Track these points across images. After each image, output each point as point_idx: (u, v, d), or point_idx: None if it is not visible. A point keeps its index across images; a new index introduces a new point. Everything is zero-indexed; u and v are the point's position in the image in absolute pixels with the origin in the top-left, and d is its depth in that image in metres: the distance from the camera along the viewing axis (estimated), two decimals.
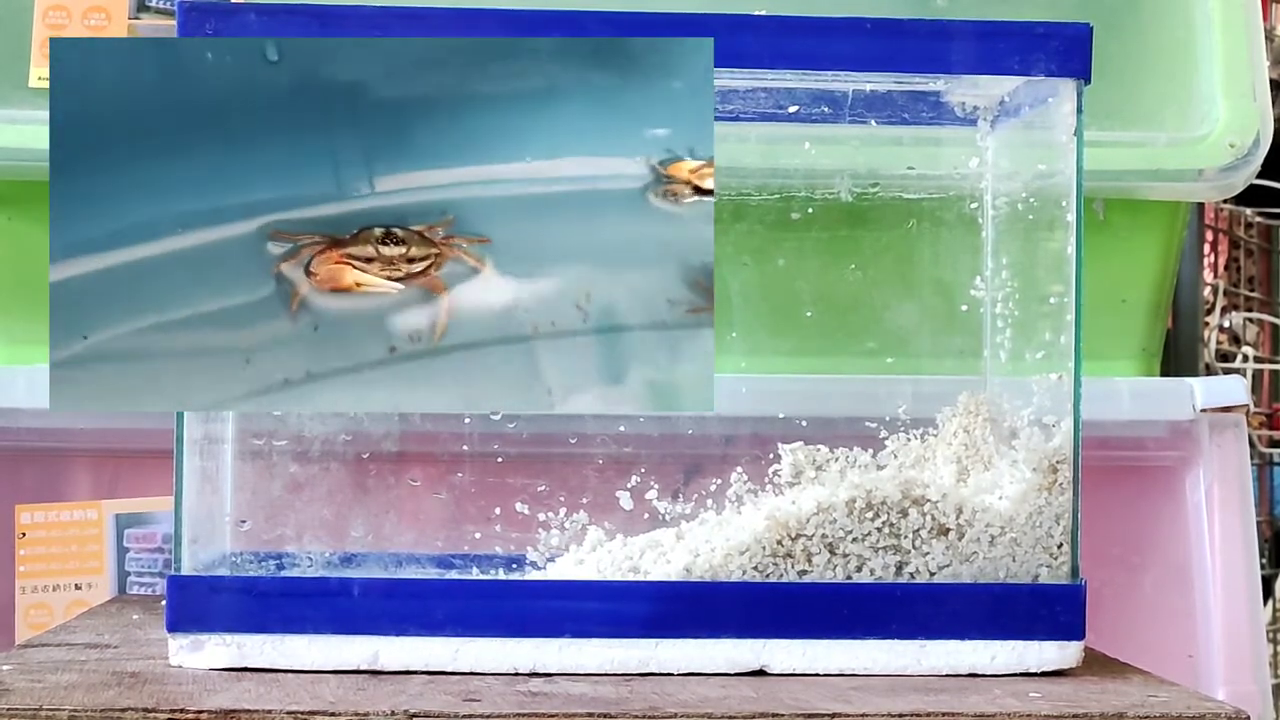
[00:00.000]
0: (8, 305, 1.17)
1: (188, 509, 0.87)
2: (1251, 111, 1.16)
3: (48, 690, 0.78)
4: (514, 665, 0.85)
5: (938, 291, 1.03)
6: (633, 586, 0.87)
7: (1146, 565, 1.20)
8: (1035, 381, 0.91)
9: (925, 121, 0.97)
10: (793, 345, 1.11)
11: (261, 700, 0.77)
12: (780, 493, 0.91)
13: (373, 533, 0.98)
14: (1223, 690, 1.17)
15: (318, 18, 0.85)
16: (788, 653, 0.86)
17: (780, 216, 1.04)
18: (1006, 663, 0.87)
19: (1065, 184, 0.89)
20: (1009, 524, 0.88)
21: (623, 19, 0.86)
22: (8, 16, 1.16)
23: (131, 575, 1.17)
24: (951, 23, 0.88)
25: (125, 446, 1.16)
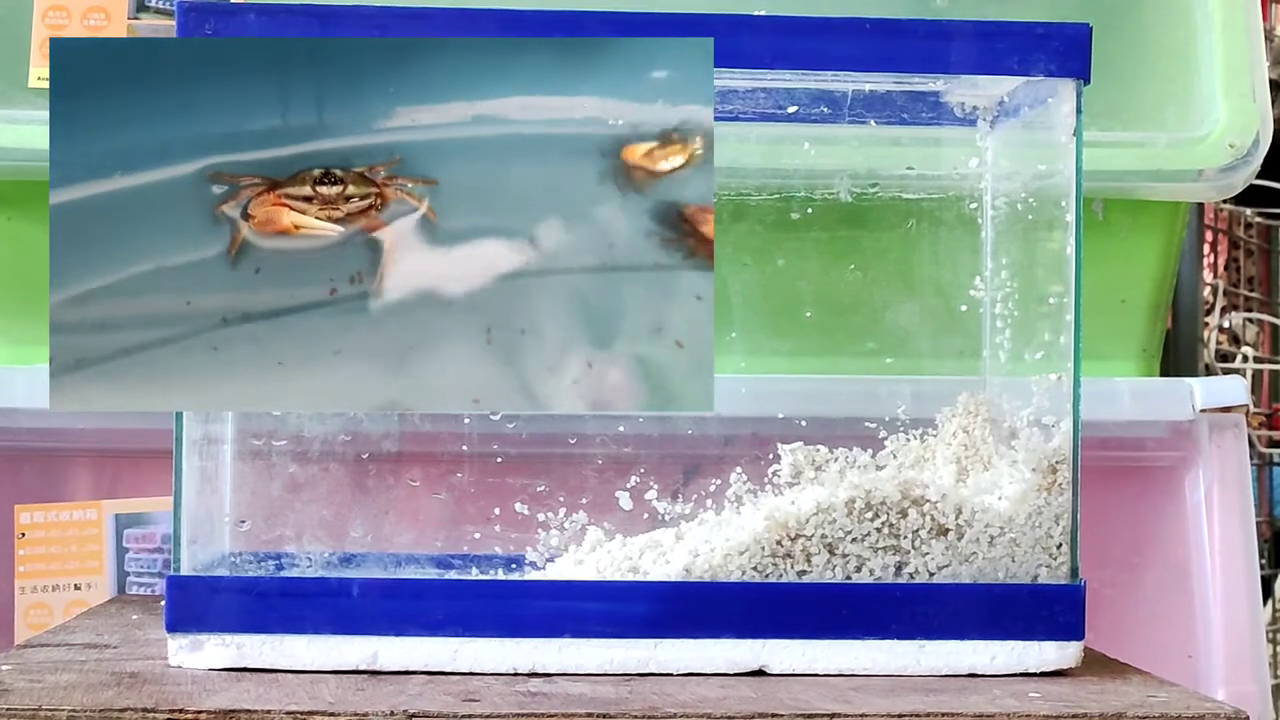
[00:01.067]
0: (8, 305, 1.17)
1: (187, 509, 0.87)
2: (1251, 111, 1.16)
3: (47, 690, 0.78)
4: (513, 665, 0.85)
5: (937, 292, 1.03)
6: (632, 586, 0.87)
7: (1146, 565, 1.20)
8: (1035, 382, 0.91)
9: (925, 122, 0.97)
10: (793, 345, 1.11)
11: (261, 700, 0.77)
12: (780, 493, 0.91)
13: (372, 533, 0.98)
14: (1223, 690, 1.17)
15: (318, 17, 0.85)
16: (787, 653, 0.86)
17: (780, 216, 1.04)
18: (1006, 663, 0.87)
19: (1065, 184, 0.89)
20: (1008, 524, 0.88)
21: (623, 19, 0.86)
22: (8, 16, 1.16)
23: (131, 575, 1.17)
24: (951, 23, 0.88)
25: (125, 446, 1.16)
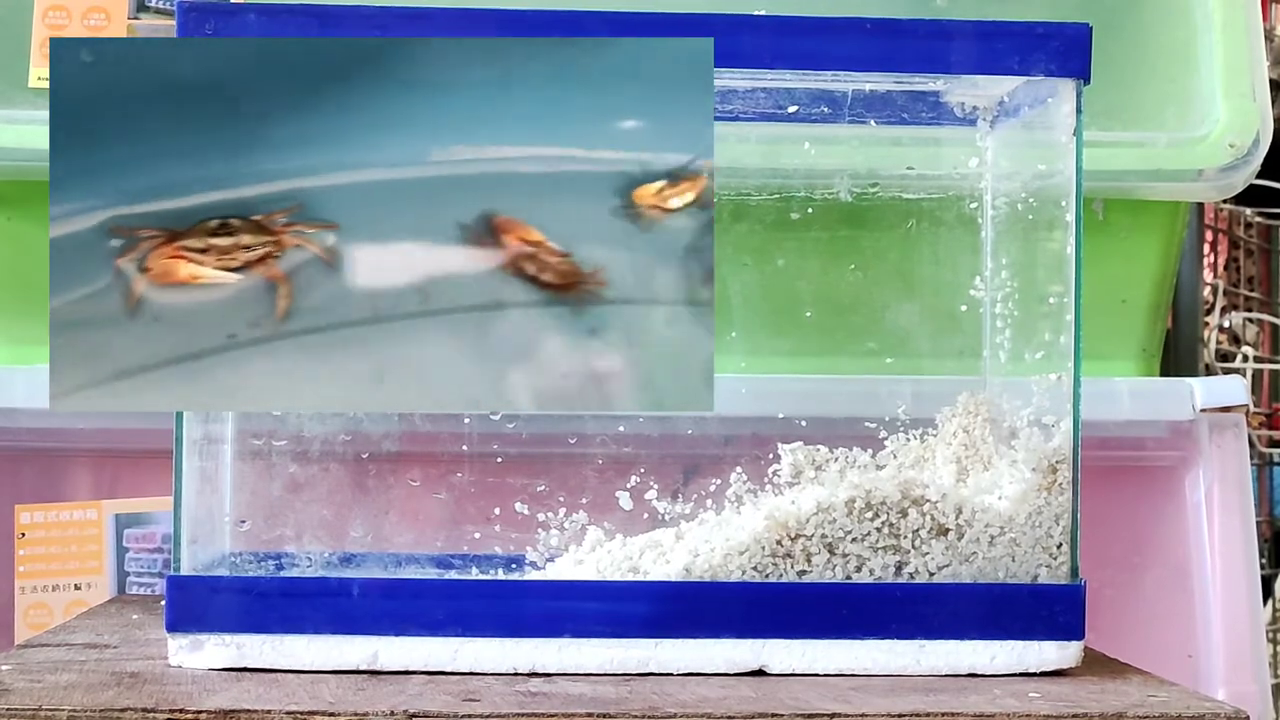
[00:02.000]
0: (8, 305, 1.17)
1: (187, 509, 0.87)
2: (1251, 111, 1.16)
3: (47, 690, 0.78)
4: (514, 665, 0.85)
5: (937, 292, 1.03)
6: (632, 586, 0.87)
7: (1146, 565, 1.20)
8: (1035, 381, 0.91)
9: (925, 121, 0.97)
10: (793, 345, 1.11)
11: (261, 700, 0.77)
12: (780, 493, 0.91)
13: (372, 533, 0.98)
14: (1223, 690, 1.17)
15: (318, 17, 0.85)
16: (787, 653, 0.86)
17: (780, 216, 1.04)
18: (1006, 663, 0.87)
19: (1065, 184, 0.89)
20: (1008, 524, 0.88)
21: (623, 19, 0.86)
22: (8, 16, 1.16)
23: (131, 575, 1.17)
24: (951, 23, 0.88)
25: (125, 446, 1.16)
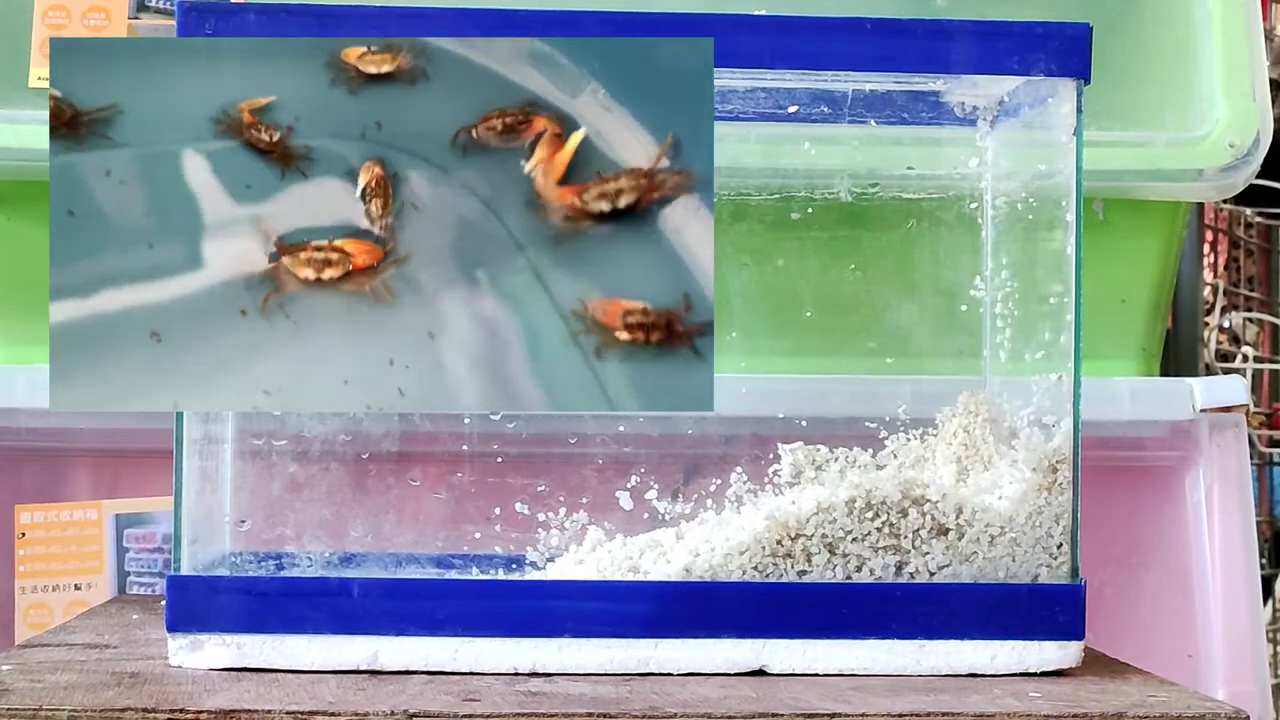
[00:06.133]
0: (8, 305, 1.17)
1: (187, 509, 0.87)
2: (1251, 111, 1.16)
3: (47, 690, 0.78)
4: (514, 665, 0.86)
5: (937, 291, 1.03)
6: (632, 586, 0.87)
7: (1146, 565, 1.20)
8: (1035, 381, 0.91)
9: (925, 121, 0.97)
10: (793, 345, 1.11)
11: (261, 700, 0.77)
12: (780, 493, 0.91)
13: (372, 533, 0.98)
14: (1223, 690, 1.17)
15: (318, 18, 0.85)
16: (787, 653, 0.86)
17: (780, 216, 1.04)
18: (1006, 663, 0.87)
19: (1065, 184, 0.90)
20: (1009, 524, 0.88)
21: (623, 19, 0.86)
22: (8, 16, 1.16)
23: (131, 575, 1.17)
24: (951, 23, 0.88)
25: (125, 446, 1.16)
